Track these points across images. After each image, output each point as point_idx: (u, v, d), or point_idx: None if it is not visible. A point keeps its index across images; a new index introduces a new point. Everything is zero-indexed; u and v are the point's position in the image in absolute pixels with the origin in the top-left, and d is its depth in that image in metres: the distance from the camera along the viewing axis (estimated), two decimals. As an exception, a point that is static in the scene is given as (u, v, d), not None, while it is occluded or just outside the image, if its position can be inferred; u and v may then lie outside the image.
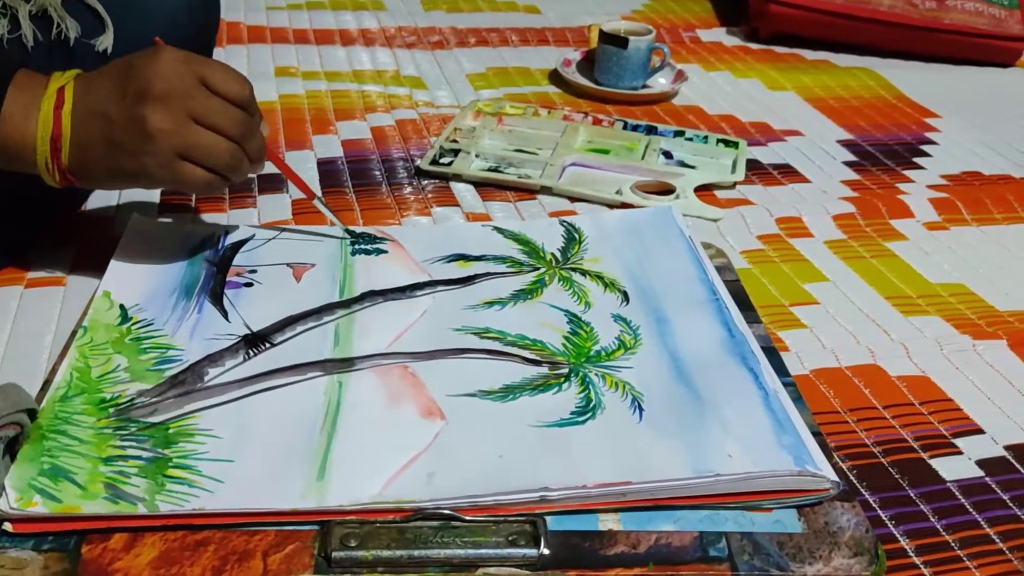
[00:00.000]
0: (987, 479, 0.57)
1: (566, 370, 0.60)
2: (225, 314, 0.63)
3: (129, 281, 0.66)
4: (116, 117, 0.58)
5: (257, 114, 0.63)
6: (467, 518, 0.49)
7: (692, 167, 0.95)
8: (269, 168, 0.88)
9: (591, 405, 0.57)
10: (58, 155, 0.59)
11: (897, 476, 0.57)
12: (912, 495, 0.56)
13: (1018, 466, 0.59)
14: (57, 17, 0.68)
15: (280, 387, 0.57)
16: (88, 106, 0.59)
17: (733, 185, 0.92)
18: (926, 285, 0.78)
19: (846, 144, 1.05)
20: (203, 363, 0.58)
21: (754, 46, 1.35)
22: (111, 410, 0.54)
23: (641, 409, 0.56)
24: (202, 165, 0.59)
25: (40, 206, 0.71)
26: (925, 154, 1.03)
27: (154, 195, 0.82)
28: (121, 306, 0.63)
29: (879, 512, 0.54)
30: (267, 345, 0.60)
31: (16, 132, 0.58)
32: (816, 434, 0.55)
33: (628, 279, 0.70)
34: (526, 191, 0.89)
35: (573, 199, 0.88)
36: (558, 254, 0.73)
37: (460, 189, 0.88)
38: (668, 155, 0.98)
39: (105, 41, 0.70)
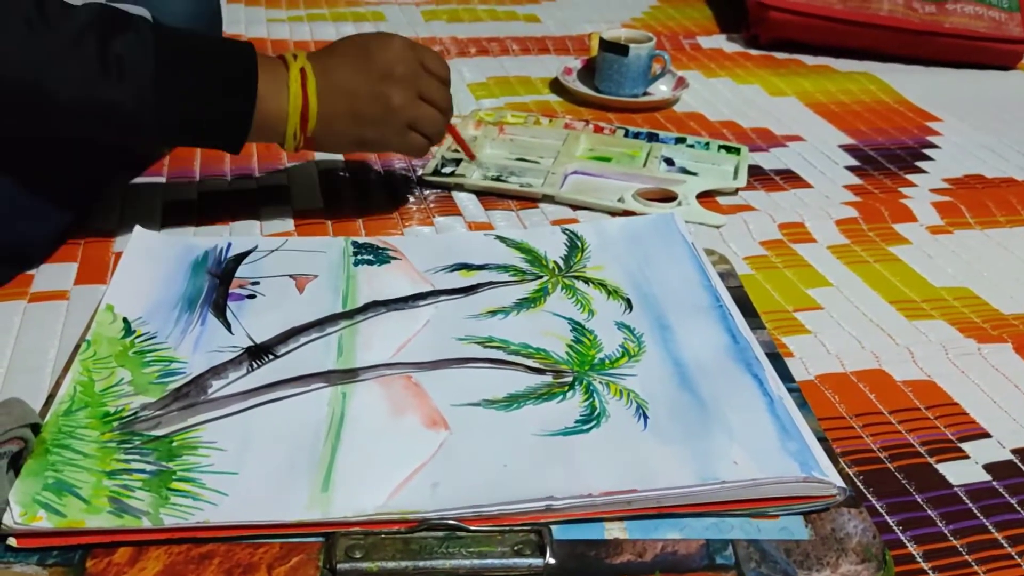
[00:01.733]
0: (994, 483, 0.57)
1: (570, 378, 0.60)
2: (228, 326, 0.63)
3: (132, 294, 0.66)
4: (362, 92, 0.72)
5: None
6: (472, 528, 0.48)
7: (694, 174, 0.95)
8: (271, 180, 0.89)
9: (595, 413, 0.57)
10: (305, 125, 0.71)
11: (904, 481, 0.57)
12: (919, 500, 0.55)
13: (1026, 470, 0.58)
14: None
15: (284, 399, 0.57)
16: (333, 83, 0.71)
17: (735, 191, 0.92)
18: (930, 289, 0.78)
19: (848, 149, 1.05)
20: (206, 376, 0.58)
21: (754, 52, 1.36)
22: (115, 424, 0.54)
23: (646, 417, 0.56)
24: (422, 133, 0.76)
25: (46, 209, 0.72)
26: (927, 158, 1.03)
27: (156, 209, 0.82)
28: (124, 319, 0.63)
29: (886, 518, 0.54)
30: (270, 357, 0.60)
31: (272, 108, 0.70)
32: (822, 440, 0.55)
33: (631, 286, 0.70)
34: (528, 200, 0.89)
35: (575, 207, 0.88)
36: (561, 262, 0.73)
37: (462, 198, 0.88)
38: (670, 162, 0.98)
39: None
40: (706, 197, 0.91)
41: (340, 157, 0.95)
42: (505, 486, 0.50)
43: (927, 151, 1.05)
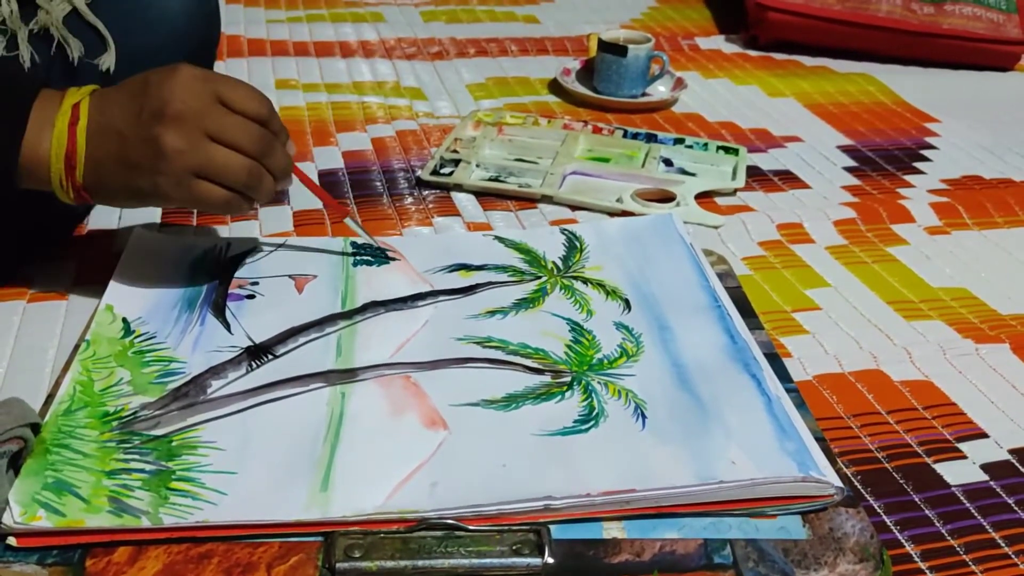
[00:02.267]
0: (992, 483, 0.57)
1: (569, 378, 0.60)
2: (227, 326, 0.63)
3: (131, 294, 0.66)
4: (130, 136, 0.58)
5: (282, 132, 0.63)
6: (471, 528, 0.48)
7: (692, 174, 0.95)
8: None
9: (594, 413, 0.57)
10: (72, 172, 0.59)
11: (901, 481, 0.57)
12: (917, 500, 0.55)
13: (1023, 470, 0.58)
14: (59, 36, 0.68)
15: (283, 398, 0.57)
16: (103, 123, 0.58)
17: (734, 192, 0.92)
18: (928, 290, 0.78)
19: (846, 150, 1.05)
20: (206, 375, 0.58)
21: (753, 53, 1.36)
22: (114, 423, 0.54)
23: (644, 417, 0.56)
24: (219, 183, 0.59)
25: (41, 219, 0.72)
26: (925, 159, 1.04)
27: (156, 209, 0.82)
28: (124, 319, 0.63)
29: (884, 517, 0.54)
30: (269, 357, 0.60)
31: (29, 149, 0.58)
32: (820, 440, 0.55)
33: (630, 287, 0.70)
34: (527, 200, 0.89)
35: (574, 207, 0.88)
36: (559, 263, 0.73)
37: (461, 199, 0.88)
38: (668, 163, 0.98)
39: (107, 60, 0.70)
40: (704, 198, 0.91)
41: (339, 158, 0.95)
42: (504, 486, 0.50)
43: (925, 152, 1.05)
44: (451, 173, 0.91)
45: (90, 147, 0.58)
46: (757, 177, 0.96)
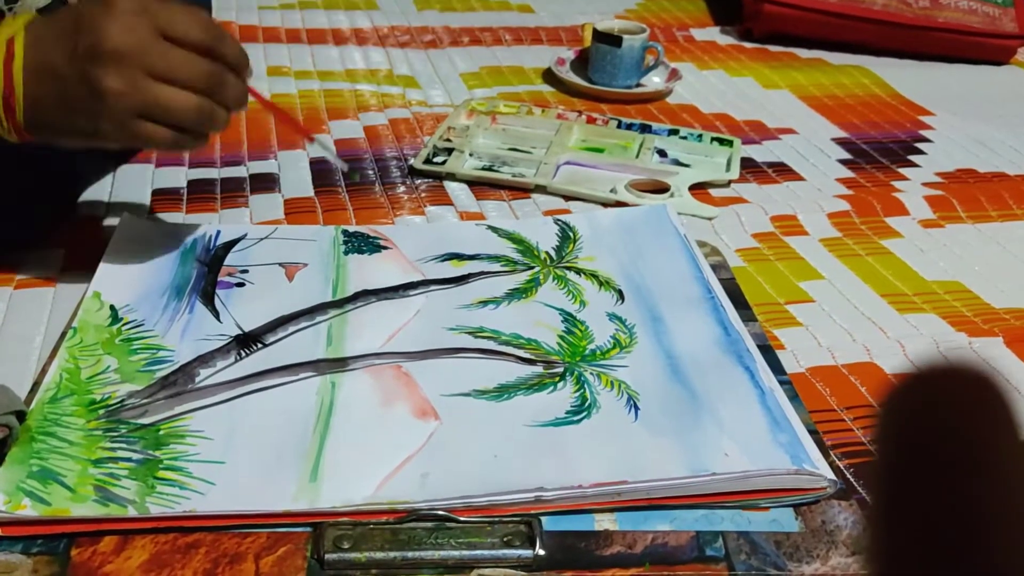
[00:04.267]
0: (984, 477, 0.57)
1: (561, 369, 0.59)
2: (216, 314, 0.63)
3: (119, 281, 0.65)
4: (67, 75, 0.54)
5: (238, 57, 0.59)
6: (462, 519, 0.48)
7: (686, 165, 0.95)
8: (261, 168, 0.88)
9: (586, 404, 0.56)
10: (12, 113, 0.55)
11: (894, 474, 0.57)
12: (909, 493, 0.55)
13: (1015, 464, 0.58)
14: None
15: (272, 388, 0.56)
16: (39, 61, 0.54)
17: (728, 183, 0.92)
18: (922, 283, 0.78)
19: (841, 142, 1.04)
20: (194, 364, 0.58)
21: (748, 45, 1.35)
22: (101, 412, 0.53)
23: (637, 408, 0.56)
24: (165, 123, 0.56)
25: (27, 204, 0.71)
26: (920, 152, 1.03)
27: (145, 195, 0.82)
28: (111, 307, 0.63)
29: (876, 511, 0.54)
30: (259, 345, 0.60)
31: None
32: (813, 432, 0.55)
33: (623, 278, 0.70)
34: (520, 190, 0.88)
35: (567, 198, 0.88)
36: (552, 253, 0.73)
37: (454, 188, 0.88)
38: (662, 153, 0.97)
39: None
40: (698, 189, 0.90)
41: (331, 144, 0.94)
42: (495, 477, 0.50)
43: (920, 145, 1.05)
44: (444, 162, 0.91)
45: (28, 86, 0.55)
46: (751, 169, 0.96)
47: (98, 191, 0.81)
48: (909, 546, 0.15)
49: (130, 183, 0.84)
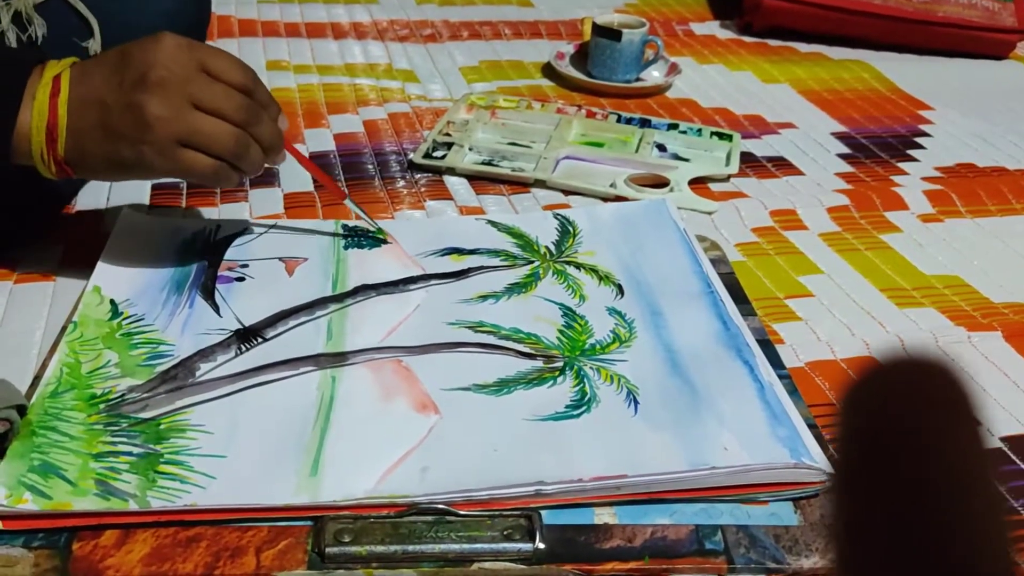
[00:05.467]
0: (983, 471, 0.57)
1: (561, 364, 0.59)
2: (217, 309, 0.63)
3: (119, 276, 0.65)
4: (113, 104, 0.56)
5: (271, 104, 0.62)
6: (462, 512, 0.48)
7: (686, 160, 0.95)
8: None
9: (586, 398, 0.56)
10: (54, 145, 0.57)
11: (893, 468, 0.57)
12: (908, 487, 0.55)
13: (1014, 458, 0.58)
14: (26, 16, 0.67)
15: (272, 382, 0.57)
16: (84, 94, 0.57)
17: (727, 178, 0.92)
18: (921, 277, 0.78)
19: (840, 137, 1.05)
20: (194, 358, 0.58)
21: (747, 39, 1.35)
22: (101, 406, 0.53)
23: (636, 402, 0.56)
24: (205, 151, 0.58)
25: (26, 200, 0.71)
26: (919, 146, 1.03)
27: (144, 190, 0.82)
28: (112, 301, 0.63)
29: (875, 504, 0.54)
30: (259, 340, 0.60)
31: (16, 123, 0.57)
32: (812, 426, 0.55)
33: (622, 272, 0.70)
34: (520, 184, 0.88)
35: (567, 192, 0.88)
36: (552, 247, 0.73)
37: (453, 183, 0.88)
38: (662, 148, 0.97)
39: (93, 45, 0.69)
40: (698, 183, 0.90)
41: (331, 140, 0.94)
42: (495, 471, 0.50)
43: (919, 140, 1.05)
44: (444, 156, 0.91)
45: (71, 119, 0.57)
46: (751, 163, 0.96)
47: (98, 186, 0.81)
48: (866, 528, 0.16)
49: (130, 177, 0.84)
